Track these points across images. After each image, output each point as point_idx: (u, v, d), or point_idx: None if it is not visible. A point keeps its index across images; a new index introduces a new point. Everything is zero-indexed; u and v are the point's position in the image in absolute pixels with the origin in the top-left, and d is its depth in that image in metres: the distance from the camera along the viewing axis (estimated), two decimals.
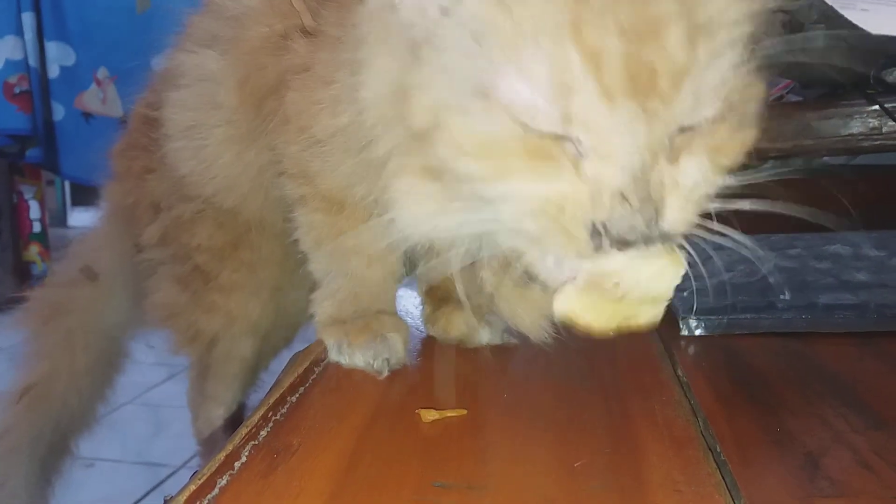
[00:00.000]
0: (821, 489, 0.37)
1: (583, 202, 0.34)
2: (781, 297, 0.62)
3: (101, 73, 3.67)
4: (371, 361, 0.51)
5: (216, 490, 0.34)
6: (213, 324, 0.73)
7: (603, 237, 0.34)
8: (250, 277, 0.70)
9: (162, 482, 1.55)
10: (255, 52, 0.56)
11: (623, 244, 0.34)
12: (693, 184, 0.36)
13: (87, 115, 3.73)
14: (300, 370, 0.48)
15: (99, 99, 3.70)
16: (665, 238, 0.36)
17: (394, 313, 0.59)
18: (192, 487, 0.33)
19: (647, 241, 0.35)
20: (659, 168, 0.34)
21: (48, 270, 2.96)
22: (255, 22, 0.57)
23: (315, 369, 0.50)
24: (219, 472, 0.35)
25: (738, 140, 0.37)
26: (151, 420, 1.89)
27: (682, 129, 0.35)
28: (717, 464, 0.39)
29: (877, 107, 0.97)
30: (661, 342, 0.59)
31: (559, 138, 0.34)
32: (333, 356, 0.54)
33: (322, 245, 0.58)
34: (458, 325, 0.59)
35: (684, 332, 0.61)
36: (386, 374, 0.51)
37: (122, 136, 0.77)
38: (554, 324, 0.51)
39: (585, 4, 0.31)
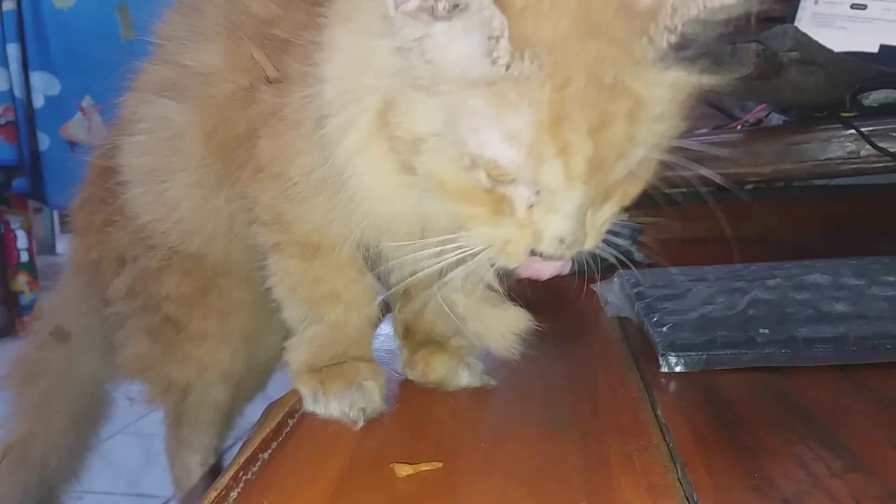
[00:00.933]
0: None
1: (526, 239, 0.43)
2: (761, 331, 0.62)
3: (86, 101, 3.66)
4: (346, 411, 0.51)
5: None
6: (186, 373, 0.72)
7: (537, 256, 0.44)
8: (221, 324, 0.69)
9: None
10: (221, 107, 0.56)
11: (548, 258, 0.44)
12: (604, 221, 0.46)
13: (73, 144, 3.72)
14: (272, 424, 0.48)
15: (84, 127, 3.69)
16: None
17: (370, 359, 0.58)
18: None
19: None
20: (588, 215, 0.43)
21: (36, 300, 2.94)
22: (219, 80, 0.56)
23: (289, 421, 0.50)
24: None
25: (640, 186, 0.45)
26: (142, 450, 1.87)
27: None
28: None
29: (853, 131, 0.98)
30: (642, 379, 0.59)
31: (517, 187, 0.41)
32: (309, 406, 0.53)
33: (297, 292, 0.57)
34: (437, 369, 0.59)
35: (664, 369, 0.60)
36: (361, 423, 0.50)
37: (81, 190, 0.77)
38: (523, 340, 0.56)
39: (566, 106, 0.37)
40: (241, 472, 0.41)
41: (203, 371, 0.73)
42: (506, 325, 0.56)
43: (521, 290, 0.57)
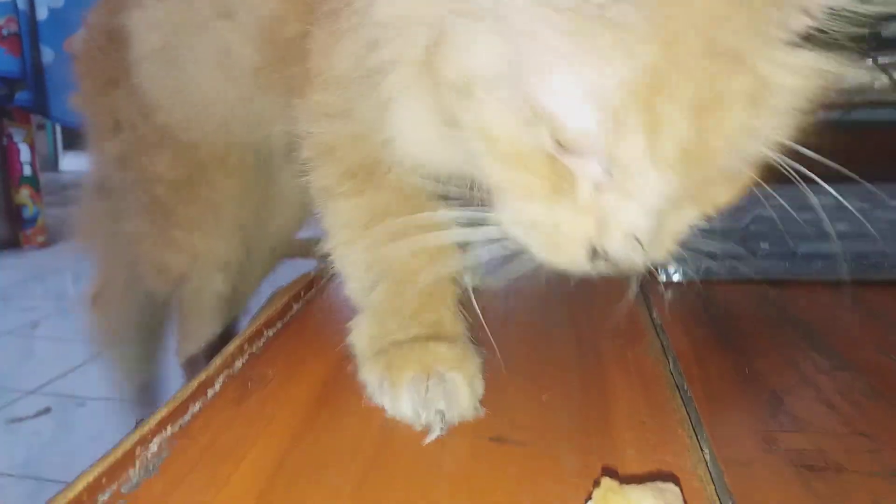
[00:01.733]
0: (781, 424, 0.38)
1: (585, 226, 0.34)
2: (762, 245, 0.62)
3: None
4: (420, 411, 0.38)
5: (188, 416, 0.35)
6: (179, 260, 0.73)
7: (599, 258, 0.35)
8: (211, 215, 0.69)
9: None
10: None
11: (615, 265, 0.35)
12: (683, 228, 0.37)
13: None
14: (279, 305, 0.49)
15: None
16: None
17: (457, 336, 0.44)
18: (165, 412, 0.34)
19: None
20: (667, 224, 0.35)
21: (39, 214, 2.95)
22: None
23: (294, 305, 0.51)
24: (192, 398, 0.36)
25: (733, 192, 0.38)
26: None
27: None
28: (682, 400, 0.40)
29: (869, 61, 0.97)
30: (640, 287, 0.60)
31: (587, 160, 0.33)
32: (376, 398, 0.40)
33: (354, 243, 0.46)
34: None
35: (662, 279, 0.61)
36: (438, 433, 0.37)
37: (82, 41, 0.74)
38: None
39: (670, 70, 0.29)
40: (247, 345, 0.43)
41: (197, 259, 0.72)
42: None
43: None
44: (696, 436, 0.36)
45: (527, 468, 0.33)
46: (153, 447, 0.32)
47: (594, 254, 0.34)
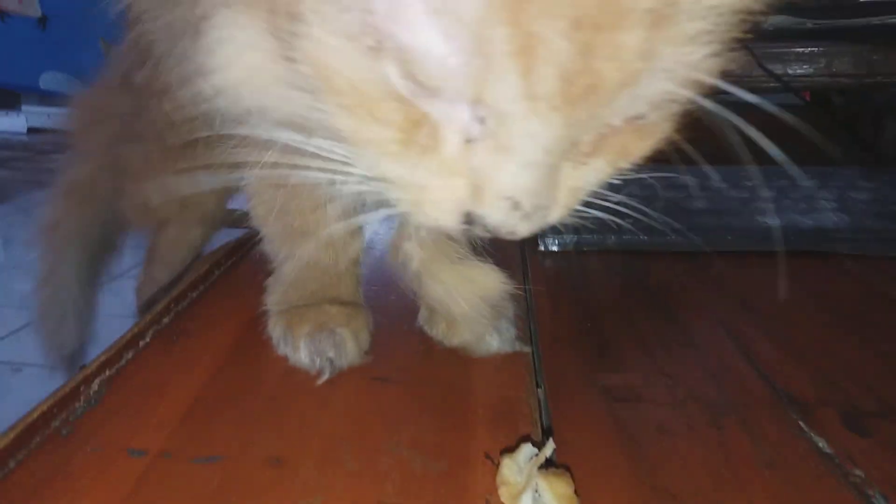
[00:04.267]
0: (602, 365, 0.48)
1: (456, 192, 0.29)
2: (626, 219, 0.73)
3: None
4: (314, 359, 0.44)
5: (123, 361, 0.43)
6: (169, 206, 0.72)
7: (475, 224, 0.30)
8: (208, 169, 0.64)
9: None
10: None
11: (494, 233, 0.30)
12: (585, 185, 0.32)
13: (3, 15, 3.57)
14: (202, 270, 0.56)
15: None
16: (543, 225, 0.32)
17: (352, 302, 0.50)
18: (103, 358, 0.42)
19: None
20: (560, 172, 0.29)
21: None
22: None
23: (215, 271, 0.58)
24: (126, 347, 0.44)
25: (652, 140, 0.32)
26: None
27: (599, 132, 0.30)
28: (532, 350, 0.50)
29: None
30: (521, 254, 0.69)
31: (449, 104, 0.27)
32: (280, 349, 0.47)
33: (268, 225, 0.50)
34: (461, 332, 0.49)
35: (541, 248, 0.71)
36: (328, 376, 0.44)
37: None
38: (492, 308, 0.47)
39: None
40: (173, 304, 0.50)
41: (184, 209, 0.72)
42: (472, 289, 0.46)
43: None
44: (536, 375, 0.46)
45: (405, 403, 0.42)
46: (94, 386, 0.40)
47: (469, 220, 0.30)
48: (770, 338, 0.53)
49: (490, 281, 0.46)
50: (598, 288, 0.63)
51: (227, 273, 0.59)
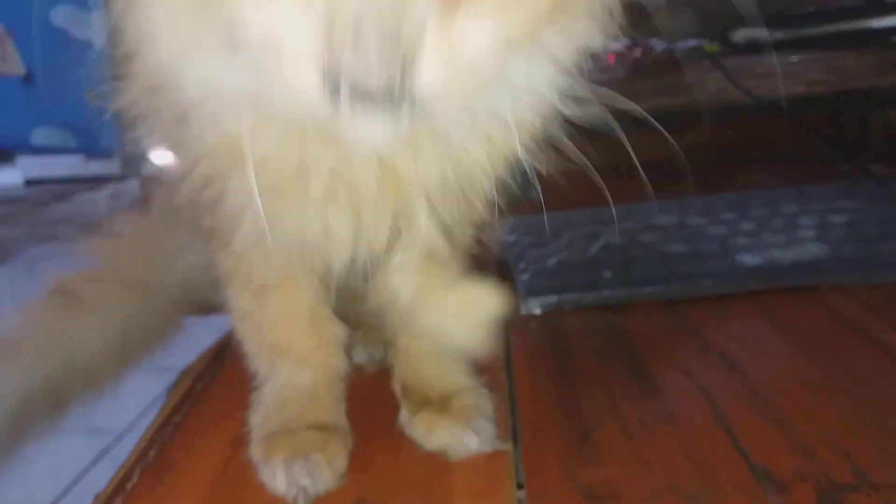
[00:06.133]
0: (586, 458, 0.48)
1: (311, 35, 0.26)
2: (604, 274, 0.73)
3: None
4: (290, 487, 0.45)
5: None
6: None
7: (340, 86, 0.27)
8: None
9: (108, 449, 1.62)
10: None
11: (362, 96, 0.27)
12: (470, 49, 0.28)
13: None
14: (183, 389, 0.58)
15: None
16: (419, 105, 0.28)
17: (330, 425, 0.50)
18: None
19: (392, 97, 0.27)
20: (418, 11, 0.26)
21: None
22: None
23: (197, 386, 0.59)
24: (115, 492, 0.45)
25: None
26: None
27: None
28: (514, 439, 0.50)
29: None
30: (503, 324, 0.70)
31: None
32: (259, 475, 0.47)
33: (246, 341, 0.51)
34: (439, 436, 0.49)
35: (524, 312, 0.72)
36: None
37: None
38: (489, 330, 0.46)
39: None
40: (156, 436, 0.52)
41: None
42: (470, 314, 0.45)
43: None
44: (516, 475, 0.47)
45: None
46: None
47: (333, 85, 0.26)
48: (750, 402, 0.53)
49: (487, 303, 0.45)
50: (580, 356, 0.63)
51: (210, 384, 0.60)
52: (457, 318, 0.45)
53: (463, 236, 0.48)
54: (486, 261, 0.53)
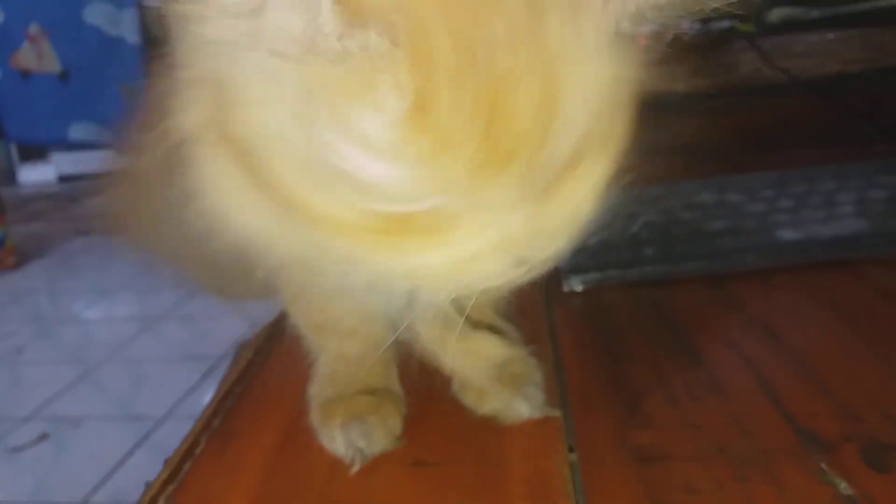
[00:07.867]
0: (634, 423, 0.50)
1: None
2: (647, 251, 0.74)
3: (33, 29, 3.61)
4: (347, 449, 0.47)
5: (183, 473, 0.46)
6: None
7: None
8: None
9: (148, 434, 1.68)
10: None
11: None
12: (572, 213, 0.36)
13: (25, 74, 3.69)
14: (243, 362, 0.60)
15: (34, 56, 3.65)
16: None
17: (381, 388, 0.52)
18: (165, 474, 0.45)
19: None
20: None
21: (6, 236, 2.99)
22: None
23: (257, 359, 0.62)
24: (184, 458, 0.48)
25: (614, 143, 0.34)
26: (131, 375, 2.01)
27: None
28: (562, 410, 0.52)
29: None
30: (546, 298, 0.72)
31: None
32: (320, 440, 0.49)
33: (297, 318, 0.54)
34: (490, 401, 0.51)
35: (566, 289, 0.73)
36: (359, 465, 0.46)
37: None
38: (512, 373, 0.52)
39: (433, 81, 0.26)
40: (220, 405, 0.54)
41: None
42: (480, 361, 0.52)
43: None
44: (568, 439, 0.48)
45: (443, 488, 0.45)
46: (160, 502, 0.44)
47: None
48: (794, 369, 0.55)
49: (497, 349, 0.52)
50: (624, 330, 0.65)
51: (266, 360, 0.62)
52: (468, 364, 0.52)
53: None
54: None
